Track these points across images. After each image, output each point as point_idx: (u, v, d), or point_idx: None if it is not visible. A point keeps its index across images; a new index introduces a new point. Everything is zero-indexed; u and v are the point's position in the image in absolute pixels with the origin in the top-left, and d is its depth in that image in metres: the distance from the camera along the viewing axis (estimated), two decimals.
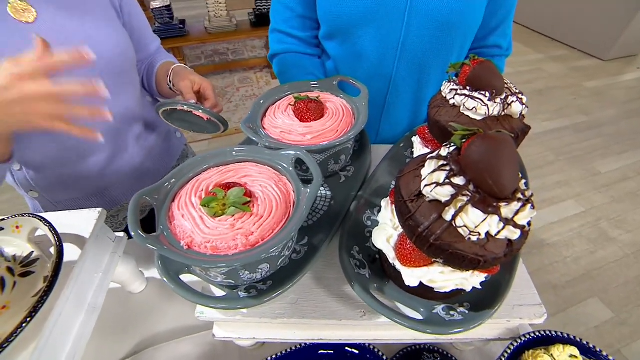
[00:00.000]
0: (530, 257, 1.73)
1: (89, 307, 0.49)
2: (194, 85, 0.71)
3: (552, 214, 1.91)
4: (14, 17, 0.56)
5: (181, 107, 0.62)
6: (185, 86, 0.71)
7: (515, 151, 0.29)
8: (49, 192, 0.73)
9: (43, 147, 0.65)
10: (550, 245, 1.78)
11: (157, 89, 0.82)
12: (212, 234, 0.35)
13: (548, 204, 1.95)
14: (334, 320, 0.40)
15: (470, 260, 0.30)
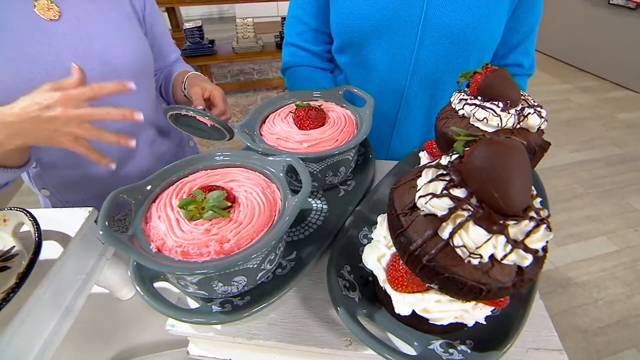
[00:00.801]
0: (555, 296, 1.58)
1: (65, 310, 0.47)
2: (204, 92, 0.72)
3: (580, 251, 1.76)
4: (40, 15, 0.58)
5: (185, 112, 0.62)
6: (195, 92, 0.71)
7: (527, 161, 0.25)
8: (60, 191, 0.74)
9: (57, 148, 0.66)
10: (579, 285, 1.63)
11: (173, 96, 0.83)
12: (185, 238, 0.32)
13: (576, 239, 1.81)
14: (314, 347, 0.35)
15: (470, 288, 0.25)
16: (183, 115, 0.65)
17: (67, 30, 0.60)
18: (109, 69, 0.65)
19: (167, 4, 2.39)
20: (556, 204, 2.01)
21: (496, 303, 0.30)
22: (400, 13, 0.66)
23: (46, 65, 0.58)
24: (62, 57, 0.59)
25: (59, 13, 0.60)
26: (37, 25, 0.57)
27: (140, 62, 0.71)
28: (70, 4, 0.61)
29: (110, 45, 0.65)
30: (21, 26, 0.56)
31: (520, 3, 0.69)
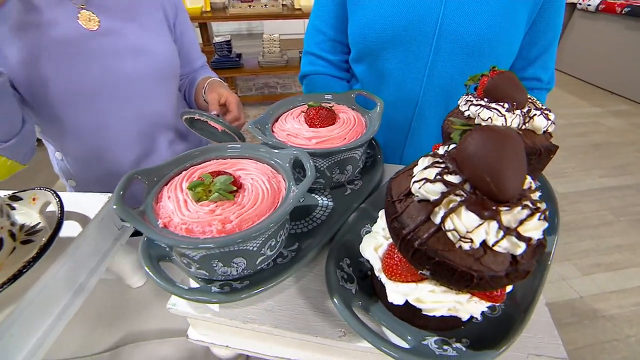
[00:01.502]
0: (581, 328, 1.48)
1: (78, 287, 0.49)
2: (221, 98, 0.76)
3: (609, 281, 1.65)
4: (82, 25, 0.65)
5: (199, 117, 0.66)
6: (212, 98, 0.76)
7: (522, 150, 0.25)
8: (84, 183, 0.79)
9: (82, 142, 0.72)
10: (607, 319, 1.52)
11: (195, 100, 0.88)
12: (191, 217, 0.34)
13: (604, 269, 1.71)
14: (308, 336, 0.35)
15: (461, 274, 0.25)
16: (197, 119, 0.69)
17: (104, 37, 0.66)
18: (137, 70, 0.70)
19: (199, 19, 2.54)
20: (583, 230, 1.91)
21: (492, 298, 0.29)
22: (415, 24, 0.67)
23: (86, 70, 0.64)
24: (101, 60, 0.66)
25: (99, 23, 0.66)
26: (80, 35, 0.64)
27: (167, 65, 0.77)
28: (109, 15, 0.67)
29: (141, 50, 0.71)
30: (66, 36, 0.62)
31: (539, 17, 0.69)
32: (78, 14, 0.65)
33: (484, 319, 0.35)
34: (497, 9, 0.64)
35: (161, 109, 0.78)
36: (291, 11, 2.65)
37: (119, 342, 0.56)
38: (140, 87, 0.72)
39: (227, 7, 2.63)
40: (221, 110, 0.76)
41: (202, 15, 2.52)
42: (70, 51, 0.63)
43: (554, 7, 0.68)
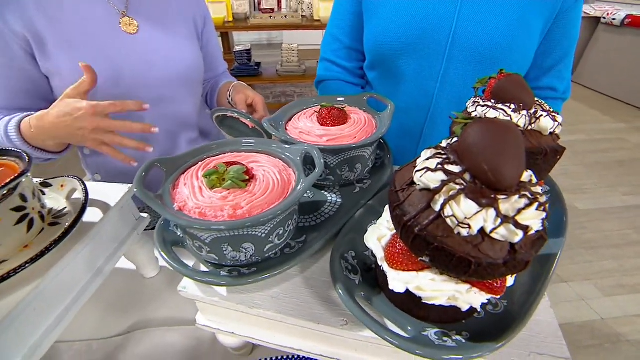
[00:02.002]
0: (602, 352, 1.42)
1: (96, 271, 0.52)
2: (248, 99, 0.80)
3: (633, 304, 1.58)
4: (123, 30, 0.70)
5: (231, 114, 0.69)
6: (239, 99, 0.80)
7: (521, 141, 0.26)
8: (108, 177, 0.84)
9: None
10: (632, 343, 1.45)
11: (218, 104, 0.93)
12: (204, 202, 0.36)
13: (628, 291, 1.63)
14: (311, 324, 0.36)
15: (459, 260, 0.25)
16: (228, 117, 0.72)
17: (141, 41, 0.72)
18: (167, 74, 0.75)
19: (221, 29, 2.64)
20: (604, 249, 1.84)
21: (491, 289, 0.29)
22: (429, 33, 0.69)
23: (121, 71, 0.69)
24: (136, 62, 0.71)
25: (137, 28, 0.72)
26: (120, 38, 0.70)
27: (193, 70, 0.82)
28: (146, 21, 0.73)
29: (171, 54, 0.76)
30: (108, 38, 0.68)
31: (555, 26, 0.69)
32: (120, 20, 0.70)
33: (485, 315, 0.35)
34: (511, 18, 0.65)
35: (185, 111, 0.83)
36: (310, 22, 2.72)
37: (130, 328, 0.58)
38: (168, 89, 0.77)
39: (249, 18, 2.73)
40: (248, 111, 0.80)
41: (224, 25, 2.62)
42: (111, 54, 0.68)
43: (570, 17, 0.68)
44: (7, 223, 0.41)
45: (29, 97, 0.69)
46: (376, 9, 0.75)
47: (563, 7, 0.67)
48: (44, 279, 0.42)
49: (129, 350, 0.55)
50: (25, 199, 0.43)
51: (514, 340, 0.34)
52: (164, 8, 0.76)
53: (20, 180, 0.41)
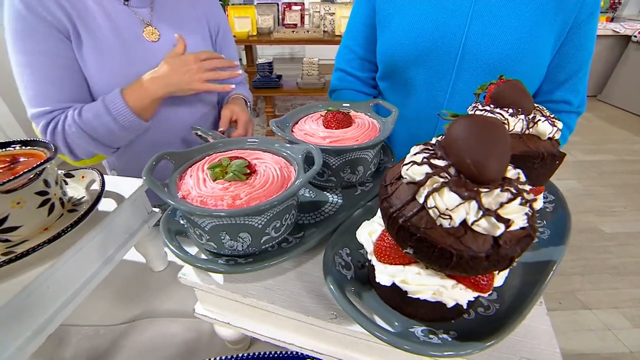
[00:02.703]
0: None
1: (107, 259, 0.55)
2: (233, 115, 0.85)
3: None
4: (146, 38, 0.76)
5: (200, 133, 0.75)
6: (224, 114, 0.87)
7: (506, 137, 0.26)
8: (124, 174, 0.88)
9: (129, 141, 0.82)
10: None
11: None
12: (206, 192, 0.38)
13: None
14: (301, 315, 0.37)
15: (440, 251, 0.26)
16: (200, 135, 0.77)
17: (161, 48, 0.77)
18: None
19: (246, 42, 2.75)
20: (634, 276, 1.74)
21: (477, 286, 0.29)
22: (439, 44, 0.70)
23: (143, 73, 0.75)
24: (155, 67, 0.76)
25: (159, 36, 0.77)
26: (143, 46, 0.75)
27: None
28: (167, 30, 0.78)
29: None
30: (132, 46, 0.74)
31: (568, 40, 0.69)
32: (144, 29, 0.76)
33: (475, 316, 0.34)
34: (521, 31, 0.65)
35: (199, 114, 0.87)
36: (332, 37, 2.79)
37: (135, 317, 0.61)
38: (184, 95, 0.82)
39: (272, 32, 2.83)
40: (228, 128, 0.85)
41: (248, 39, 2.73)
42: (133, 60, 0.74)
43: (584, 31, 0.68)
44: (31, 205, 0.45)
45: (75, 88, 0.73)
46: (389, 22, 0.77)
47: (576, 21, 0.66)
48: (59, 259, 0.45)
49: (133, 337, 0.57)
50: (48, 185, 0.47)
51: (505, 343, 0.33)
52: (182, 18, 0.82)
53: (45, 166, 0.45)
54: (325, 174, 0.52)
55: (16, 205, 0.43)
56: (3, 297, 0.40)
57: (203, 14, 0.87)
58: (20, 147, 0.51)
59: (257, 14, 2.81)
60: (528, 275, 0.38)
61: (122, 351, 0.55)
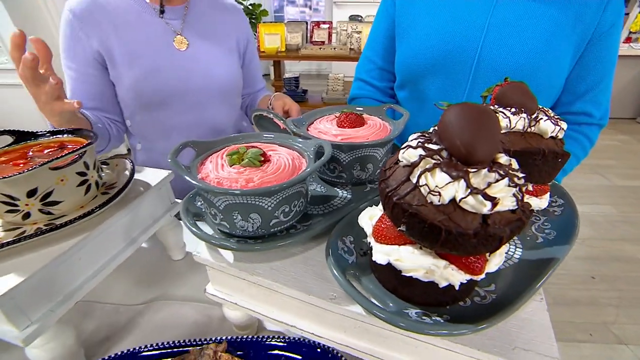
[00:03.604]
0: None
1: (130, 240, 0.59)
2: (285, 105, 0.91)
3: None
4: (176, 47, 0.84)
5: (267, 114, 0.78)
6: (277, 105, 0.91)
7: (496, 124, 0.28)
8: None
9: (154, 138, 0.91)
10: None
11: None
12: (223, 175, 0.42)
13: None
14: (303, 294, 0.39)
15: (430, 227, 0.28)
16: (264, 117, 0.81)
17: (188, 57, 0.85)
18: (205, 84, 0.88)
19: (274, 57, 2.89)
20: None
21: (469, 268, 0.30)
22: (454, 54, 0.73)
23: (169, 81, 0.82)
24: (181, 73, 0.84)
25: (187, 45, 0.85)
26: (172, 54, 0.83)
27: (231, 83, 0.94)
28: (196, 40, 0.86)
29: (211, 68, 0.88)
30: (162, 54, 0.82)
31: (588, 51, 0.69)
32: (174, 38, 0.84)
33: (471, 304, 0.35)
34: (537, 42, 0.66)
35: (219, 119, 0.94)
36: (357, 54, 2.87)
37: (152, 299, 0.64)
38: (205, 99, 0.89)
39: (300, 49, 2.96)
40: (283, 115, 0.89)
41: (277, 54, 2.86)
42: (162, 67, 0.81)
43: (605, 42, 0.68)
44: (72, 183, 0.51)
45: (100, 100, 0.84)
46: (407, 33, 0.80)
47: (596, 33, 0.67)
48: (91, 233, 0.50)
49: (149, 316, 0.61)
50: (87, 167, 0.53)
51: (501, 332, 0.34)
52: (211, 29, 0.89)
53: (86, 149, 0.51)
54: (336, 170, 0.55)
55: (60, 182, 0.49)
56: (41, 261, 0.45)
57: (232, 29, 0.94)
58: (67, 135, 0.58)
59: (287, 31, 2.95)
60: (529, 270, 0.38)
61: (137, 328, 0.59)
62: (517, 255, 0.41)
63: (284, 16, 5.19)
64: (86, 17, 0.75)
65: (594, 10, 0.65)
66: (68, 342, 0.49)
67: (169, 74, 0.83)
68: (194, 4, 0.88)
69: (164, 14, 0.83)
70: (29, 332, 0.43)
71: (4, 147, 0.54)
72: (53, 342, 0.47)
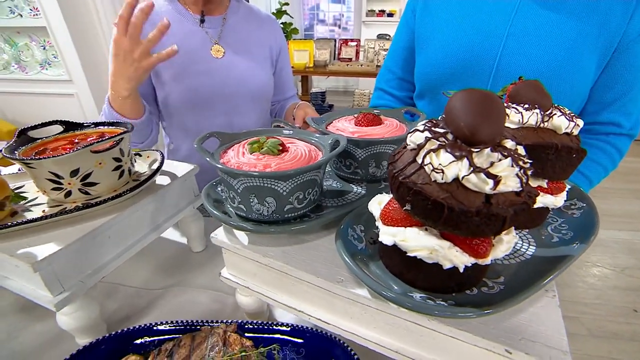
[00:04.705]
0: None
1: (155, 226, 0.64)
2: (306, 115, 0.94)
3: None
4: (213, 55, 0.90)
5: (282, 125, 0.82)
6: (298, 115, 0.95)
7: (501, 108, 0.29)
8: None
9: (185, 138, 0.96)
10: None
11: (286, 119, 1.09)
12: (243, 161, 0.45)
13: None
14: (311, 277, 0.40)
15: (434, 204, 0.29)
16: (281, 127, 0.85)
17: (224, 64, 0.91)
18: (241, 89, 0.93)
19: (302, 73, 2.99)
20: None
21: (473, 250, 0.31)
22: (472, 63, 0.74)
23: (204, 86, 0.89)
24: (216, 79, 0.90)
25: (223, 53, 0.91)
26: (209, 61, 0.90)
27: (263, 90, 0.99)
28: (231, 49, 0.93)
29: (245, 75, 0.94)
30: (199, 61, 0.89)
31: (614, 60, 0.68)
32: (212, 47, 0.91)
33: (478, 293, 0.35)
34: (558, 50, 0.66)
35: (249, 122, 0.99)
36: None
37: (171, 285, 0.68)
38: (237, 103, 0.95)
39: (328, 65, 3.05)
40: (304, 126, 0.92)
41: (305, 70, 2.96)
42: (199, 72, 0.88)
43: (633, 50, 0.67)
44: (108, 167, 0.56)
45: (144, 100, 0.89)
46: (427, 43, 0.82)
47: (623, 41, 0.66)
48: (121, 214, 0.55)
49: (166, 300, 0.64)
50: (122, 154, 0.58)
51: (507, 323, 0.33)
52: (246, 39, 0.95)
53: (123, 136, 0.56)
54: (352, 166, 0.57)
55: (98, 165, 0.54)
56: (77, 234, 0.49)
57: (266, 38, 1.00)
58: (107, 127, 0.64)
59: (315, 48, 3.06)
60: (540, 265, 0.37)
61: (155, 310, 0.62)
62: (529, 252, 0.41)
63: (313, 34, 5.39)
64: None
65: (620, 18, 0.64)
66: (93, 314, 0.53)
67: (206, 79, 0.89)
68: (231, 15, 0.95)
69: (203, 23, 0.90)
70: (60, 298, 0.47)
71: (55, 134, 0.61)
72: (80, 312, 0.51)
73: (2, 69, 2.08)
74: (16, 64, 2.06)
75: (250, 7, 1.02)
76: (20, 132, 0.57)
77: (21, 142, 0.56)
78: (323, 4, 5.32)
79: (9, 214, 0.52)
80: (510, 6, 0.71)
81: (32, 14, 1.87)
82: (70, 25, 1.83)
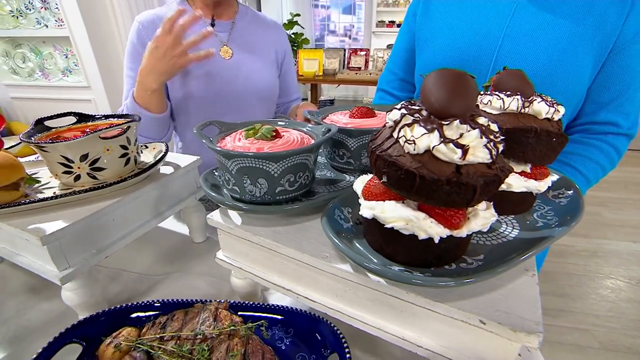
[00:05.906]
0: None
1: (157, 213, 0.67)
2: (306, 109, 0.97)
3: None
4: (221, 56, 0.95)
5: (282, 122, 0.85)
6: (300, 112, 0.98)
7: (472, 85, 0.30)
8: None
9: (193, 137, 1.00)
10: None
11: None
12: (238, 145, 0.48)
13: None
14: (298, 253, 0.42)
15: (406, 173, 0.30)
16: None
17: (232, 64, 0.96)
18: (248, 89, 0.97)
19: (312, 81, 3.05)
20: None
21: (447, 220, 0.32)
22: (470, 63, 0.75)
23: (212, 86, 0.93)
24: (225, 79, 0.94)
25: (232, 55, 0.96)
26: (218, 62, 0.94)
27: (268, 90, 1.03)
28: (239, 50, 0.97)
29: (252, 75, 0.98)
30: (210, 62, 0.93)
31: (611, 60, 0.68)
32: (221, 48, 0.95)
33: (455, 267, 0.36)
34: (553, 51, 0.67)
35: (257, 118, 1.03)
36: None
37: (171, 272, 0.70)
38: (243, 103, 0.98)
39: (337, 73, 3.10)
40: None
41: (314, 78, 3.02)
42: (209, 72, 0.92)
43: (630, 51, 0.67)
44: (115, 154, 0.59)
45: None
46: (427, 44, 0.85)
47: (619, 42, 0.66)
48: (125, 197, 0.58)
49: (166, 284, 0.66)
50: (129, 142, 0.61)
51: (483, 297, 0.34)
52: (253, 41, 1.00)
53: (130, 124, 0.59)
54: (345, 156, 0.59)
55: (106, 151, 0.57)
56: (82, 214, 0.52)
57: (272, 42, 1.05)
58: (116, 119, 0.68)
59: (325, 57, 3.12)
60: (521, 245, 0.38)
61: (155, 294, 0.64)
62: (512, 235, 0.41)
63: (324, 44, 5.50)
64: (151, 27, 0.89)
65: (615, 19, 0.65)
66: (95, 292, 0.56)
67: (214, 79, 0.94)
68: (240, 19, 1.00)
69: (214, 27, 0.95)
70: (66, 273, 0.50)
71: (69, 124, 0.65)
72: (83, 289, 0.54)
73: (27, 76, 2.20)
74: (40, 71, 2.18)
75: (257, 14, 1.07)
76: (37, 122, 0.62)
77: (38, 129, 0.61)
78: (334, 15, 5.44)
79: (23, 195, 0.56)
80: (508, 8, 0.73)
81: (57, 25, 1.98)
82: (91, 35, 1.94)
